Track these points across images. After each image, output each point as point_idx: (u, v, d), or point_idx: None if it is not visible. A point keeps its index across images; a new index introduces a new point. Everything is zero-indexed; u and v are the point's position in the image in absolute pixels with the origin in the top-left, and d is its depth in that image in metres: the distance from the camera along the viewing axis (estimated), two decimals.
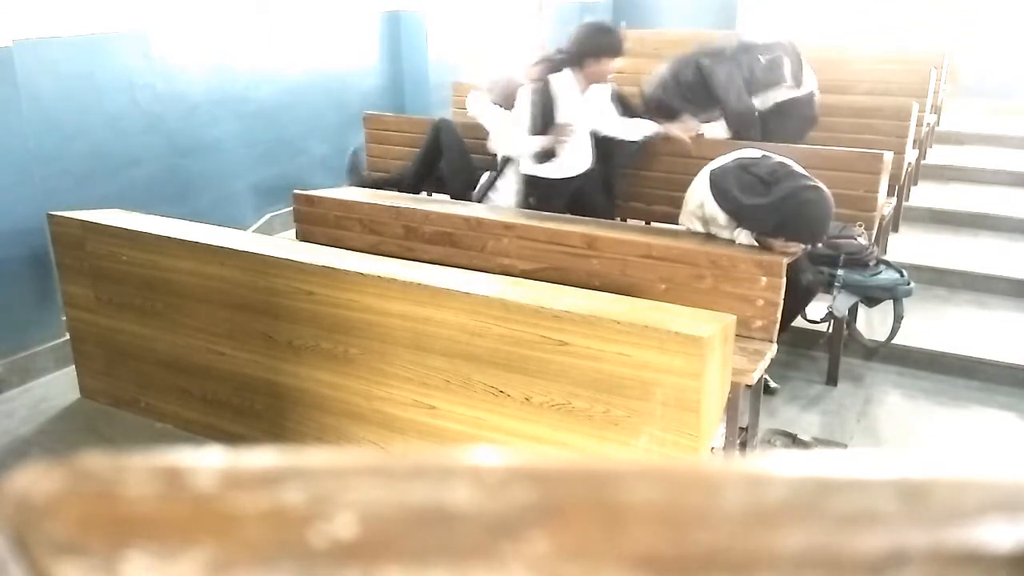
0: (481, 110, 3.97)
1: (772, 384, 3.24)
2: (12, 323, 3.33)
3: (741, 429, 2.66)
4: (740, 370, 2.43)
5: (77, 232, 2.96)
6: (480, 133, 4.05)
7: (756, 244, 2.81)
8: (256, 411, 2.73)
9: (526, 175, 3.60)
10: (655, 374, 2.03)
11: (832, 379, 3.39)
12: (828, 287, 3.21)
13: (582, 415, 2.16)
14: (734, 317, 2.24)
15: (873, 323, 3.65)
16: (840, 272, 3.18)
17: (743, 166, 2.86)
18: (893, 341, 3.36)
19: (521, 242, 2.99)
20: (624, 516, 0.25)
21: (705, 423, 2.04)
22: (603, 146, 3.71)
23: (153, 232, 2.81)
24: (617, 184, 3.91)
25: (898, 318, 3.28)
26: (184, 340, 2.81)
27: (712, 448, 2.24)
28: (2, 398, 3.24)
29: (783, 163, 2.86)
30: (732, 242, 2.86)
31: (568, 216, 3.38)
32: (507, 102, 3.78)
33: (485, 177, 3.91)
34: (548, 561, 0.24)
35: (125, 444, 2.87)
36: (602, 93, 3.63)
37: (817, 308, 3.27)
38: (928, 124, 5.41)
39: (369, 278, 2.37)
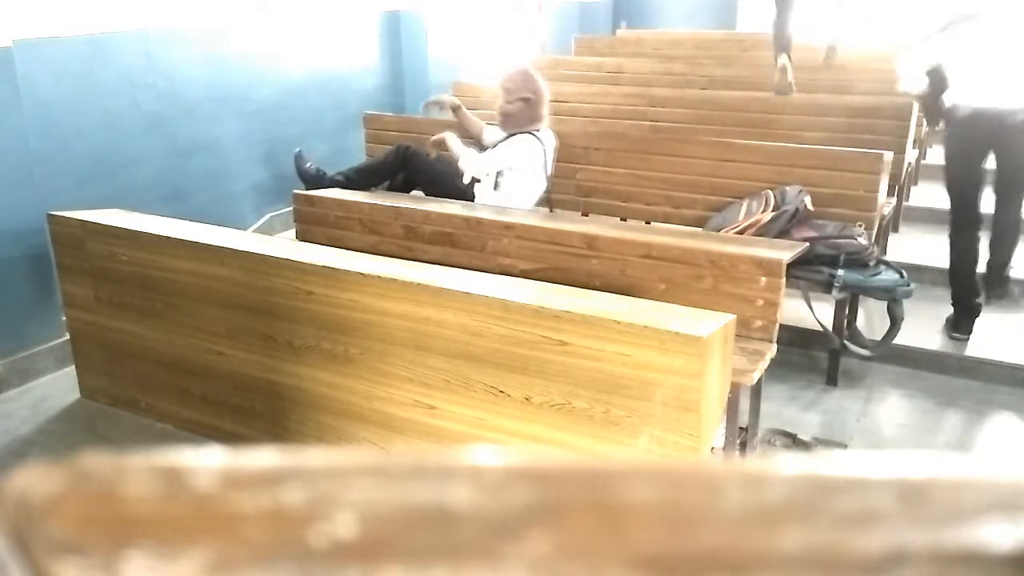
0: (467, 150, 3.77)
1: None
2: (12, 323, 3.33)
3: (741, 429, 2.66)
4: (740, 370, 2.43)
5: (77, 232, 2.96)
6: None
7: None
8: (256, 411, 2.73)
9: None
10: (655, 374, 2.03)
11: (832, 379, 3.40)
12: (828, 287, 3.21)
13: (582, 415, 2.16)
14: (734, 317, 2.23)
15: (873, 323, 3.65)
16: (840, 272, 3.18)
17: None
18: (893, 341, 3.36)
19: (521, 242, 2.99)
20: (624, 516, 0.25)
21: (705, 423, 2.04)
22: None
23: (153, 232, 2.81)
24: None
25: (898, 319, 3.27)
26: (184, 340, 2.81)
27: (712, 448, 2.24)
28: (2, 398, 3.24)
29: None
30: (734, 240, 2.86)
31: (568, 216, 3.38)
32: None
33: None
34: (548, 561, 0.24)
35: (125, 444, 2.87)
36: None
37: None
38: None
39: (369, 278, 2.37)
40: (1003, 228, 3.73)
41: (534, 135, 3.61)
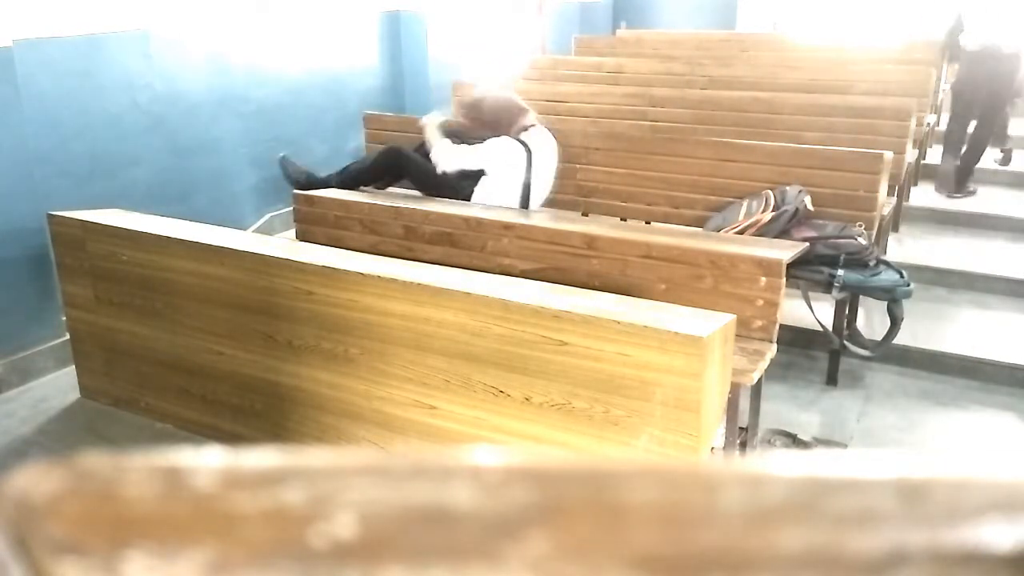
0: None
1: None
2: (12, 323, 3.33)
3: (741, 429, 2.66)
4: (740, 370, 2.43)
5: (77, 232, 2.96)
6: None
7: None
8: (256, 411, 2.73)
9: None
10: (655, 374, 2.03)
11: (832, 379, 3.40)
12: (828, 287, 3.21)
13: (582, 415, 2.16)
14: (734, 317, 2.23)
15: (873, 323, 3.65)
16: (840, 272, 3.18)
17: None
18: (893, 341, 3.36)
19: (521, 242, 2.99)
20: (624, 516, 0.25)
21: (705, 423, 2.04)
22: None
23: (153, 232, 2.81)
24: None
25: (898, 319, 3.27)
26: (184, 340, 2.81)
27: (712, 448, 2.24)
28: (2, 398, 3.24)
29: None
30: (734, 240, 2.86)
31: (568, 216, 3.37)
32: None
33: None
34: (548, 561, 0.24)
35: (125, 444, 2.87)
36: None
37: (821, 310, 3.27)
38: (928, 124, 5.42)
39: (369, 278, 2.37)
40: (975, 141, 5.25)
41: (517, 139, 3.51)
